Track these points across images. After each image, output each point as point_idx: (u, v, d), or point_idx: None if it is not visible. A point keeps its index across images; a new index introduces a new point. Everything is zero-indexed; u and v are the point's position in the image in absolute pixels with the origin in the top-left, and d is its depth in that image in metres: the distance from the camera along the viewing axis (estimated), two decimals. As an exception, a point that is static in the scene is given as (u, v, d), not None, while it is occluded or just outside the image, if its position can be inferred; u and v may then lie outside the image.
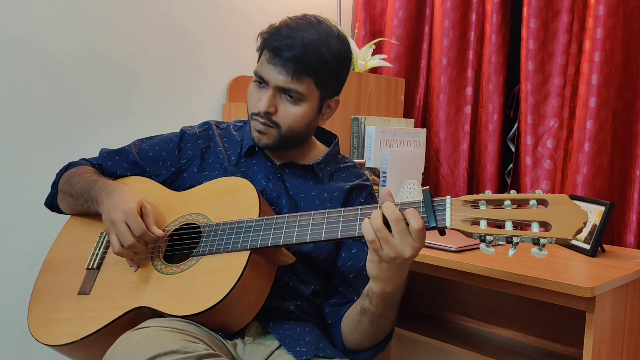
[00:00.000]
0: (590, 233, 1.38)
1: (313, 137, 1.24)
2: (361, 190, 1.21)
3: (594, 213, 1.39)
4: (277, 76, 1.07)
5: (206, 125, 1.27)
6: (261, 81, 1.11)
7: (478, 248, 1.38)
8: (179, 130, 1.28)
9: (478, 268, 1.22)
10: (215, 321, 1.00)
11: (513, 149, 1.91)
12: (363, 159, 1.84)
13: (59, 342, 1.05)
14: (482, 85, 1.96)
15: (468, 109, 1.98)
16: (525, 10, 1.78)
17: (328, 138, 1.28)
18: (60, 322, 1.09)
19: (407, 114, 2.15)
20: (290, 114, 1.10)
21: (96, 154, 1.30)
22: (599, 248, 1.36)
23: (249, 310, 1.03)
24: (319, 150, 1.25)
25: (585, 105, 1.64)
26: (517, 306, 1.57)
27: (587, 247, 1.36)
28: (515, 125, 1.91)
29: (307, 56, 1.05)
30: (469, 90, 1.98)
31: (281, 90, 1.09)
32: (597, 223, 1.36)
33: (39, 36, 1.62)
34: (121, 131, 1.78)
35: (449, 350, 1.50)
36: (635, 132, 1.63)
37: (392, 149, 1.87)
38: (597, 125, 1.62)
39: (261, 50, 1.12)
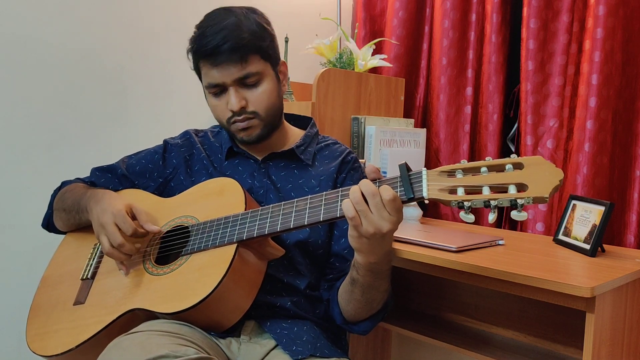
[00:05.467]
0: (590, 233, 1.38)
1: (287, 123, 1.26)
2: (345, 166, 1.23)
3: (594, 213, 1.39)
4: (229, 71, 1.09)
5: (187, 135, 1.31)
6: (216, 89, 1.13)
7: (478, 248, 1.38)
8: (162, 142, 1.31)
9: (478, 268, 1.22)
10: (205, 318, 1.00)
11: (513, 149, 1.91)
12: (363, 158, 1.84)
13: (56, 352, 1.06)
14: (482, 85, 1.96)
15: (468, 109, 1.98)
16: (525, 10, 1.78)
17: (304, 122, 1.30)
18: (57, 333, 1.10)
19: (407, 114, 2.15)
20: (260, 95, 1.13)
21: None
22: (599, 248, 1.36)
23: (239, 306, 1.03)
24: (296, 134, 1.27)
25: (585, 105, 1.64)
26: (517, 306, 1.57)
27: (587, 247, 1.36)
28: (515, 125, 1.90)
29: (241, 37, 1.08)
30: (469, 90, 1.98)
31: (240, 81, 1.11)
32: (597, 223, 1.36)
33: (38, 36, 1.62)
34: (121, 131, 1.78)
35: (449, 350, 1.50)
36: (635, 132, 1.63)
37: (392, 149, 1.86)
38: (597, 125, 1.62)
39: (197, 64, 1.14)
